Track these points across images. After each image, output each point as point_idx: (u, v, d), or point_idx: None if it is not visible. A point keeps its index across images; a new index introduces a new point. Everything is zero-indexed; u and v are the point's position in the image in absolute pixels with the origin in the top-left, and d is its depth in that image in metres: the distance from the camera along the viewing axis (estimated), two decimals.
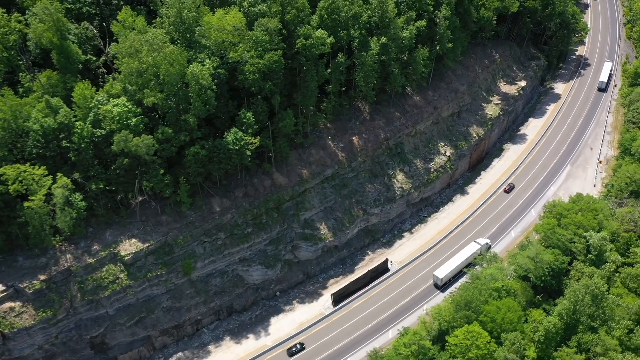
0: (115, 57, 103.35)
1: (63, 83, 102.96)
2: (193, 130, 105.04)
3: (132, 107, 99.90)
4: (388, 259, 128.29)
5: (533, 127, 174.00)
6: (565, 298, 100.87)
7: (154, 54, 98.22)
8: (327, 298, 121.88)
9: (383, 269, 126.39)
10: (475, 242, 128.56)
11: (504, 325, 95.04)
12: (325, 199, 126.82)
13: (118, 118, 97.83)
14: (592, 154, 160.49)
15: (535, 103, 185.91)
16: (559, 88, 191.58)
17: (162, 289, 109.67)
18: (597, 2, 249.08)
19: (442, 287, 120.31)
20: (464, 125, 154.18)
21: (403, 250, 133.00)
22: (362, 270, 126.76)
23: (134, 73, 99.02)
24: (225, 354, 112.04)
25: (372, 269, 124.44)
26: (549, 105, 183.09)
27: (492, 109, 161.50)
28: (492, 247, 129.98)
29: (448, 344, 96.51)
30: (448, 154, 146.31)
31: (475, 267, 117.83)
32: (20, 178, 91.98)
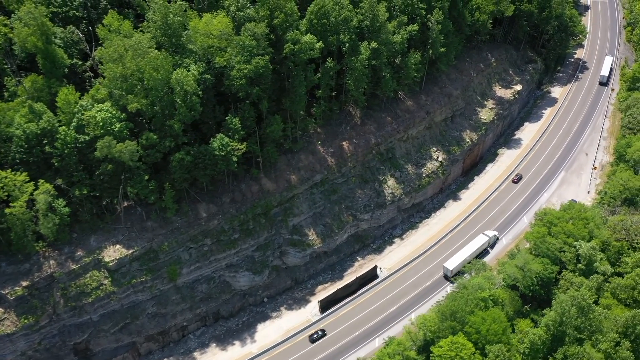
0: (100, 61, 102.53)
1: (48, 88, 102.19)
2: (178, 136, 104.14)
3: (116, 112, 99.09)
4: (377, 266, 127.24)
5: (529, 131, 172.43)
6: (552, 309, 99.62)
7: (138, 59, 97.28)
8: (314, 305, 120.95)
9: (372, 276, 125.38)
10: (484, 234, 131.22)
11: (489, 337, 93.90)
12: (314, 205, 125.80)
13: (102, 124, 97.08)
14: (587, 160, 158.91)
15: (532, 107, 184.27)
16: (556, 92, 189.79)
17: (147, 295, 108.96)
18: (597, 4, 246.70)
19: (452, 278, 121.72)
20: (457, 130, 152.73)
21: (393, 257, 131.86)
22: (351, 277, 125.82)
23: (118, 78, 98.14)
24: None
25: (360, 276, 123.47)
26: (546, 110, 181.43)
27: (486, 114, 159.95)
28: (499, 238, 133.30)
29: (432, 355, 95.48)
30: (440, 159, 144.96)
31: (464, 275, 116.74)
32: (2, 184, 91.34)
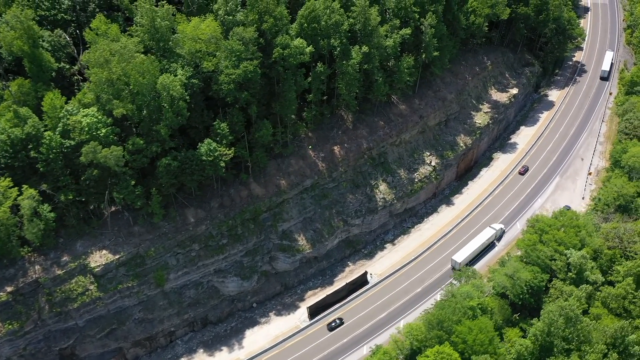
0: (87, 66, 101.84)
1: (34, 92, 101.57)
2: (165, 141, 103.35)
3: (102, 117, 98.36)
4: (367, 272, 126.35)
5: (524, 135, 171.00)
6: (540, 319, 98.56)
7: (124, 64, 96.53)
8: (304, 311, 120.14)
9: (362, 282, 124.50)
10: (490, 227, 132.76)
11: (475, 347, 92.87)
12: (305, 210, 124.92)
13: (87, 129, 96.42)
14: (582, 165, 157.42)
15: (528, 111, 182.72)
16: (554, 95, 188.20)
17: (133, 301, 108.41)
18: (597, 5, 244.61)
19: (459, 271, 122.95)
20: (451, 135, 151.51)
21: (384, 262, 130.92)
22: (341, 282, 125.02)
23: (104, 83, 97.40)
24: None
25: (350, 282, 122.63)
26: (542, 113, 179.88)
27: (481, 118, 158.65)
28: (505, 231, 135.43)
29: None
30: (433, 164, 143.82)
31: (454, 282, 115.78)
32: None
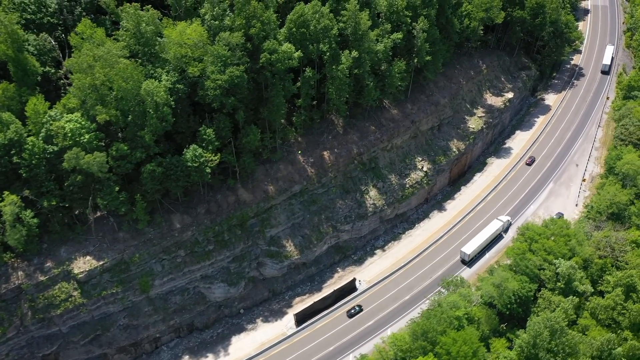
0: (70, 71, 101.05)
1: (19, 96, 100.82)
2: (150, 147, 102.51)
3: (85, 123, 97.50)
4: (355, 279, 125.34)
5: (519, 140, 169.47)
6: (526, 331, 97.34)
7: (107, 69, 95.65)
8: (291, 317, 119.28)
9: (350, 289, 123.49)
10: (498, 219, 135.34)
11: (459, 359, 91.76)
12: (293, 216, 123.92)
13: (70, 134, 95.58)
14: (577, 171, 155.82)
15: (524, 115, 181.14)
16: (550, 99, 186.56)
17: (118, 307, 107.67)
18: (597, 7, 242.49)
19: (468, 262, 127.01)
20: (444, 139, 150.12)
21: (373, 269, 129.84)
22: (329, 289, 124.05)
23: (88, 88, 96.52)
24: None
25: (338, 289, 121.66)
26: (538, 118, 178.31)
27: (475, 122, 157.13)
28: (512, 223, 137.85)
29: None
30: (425, 169, 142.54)
31: (442, 291, 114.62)
32: None
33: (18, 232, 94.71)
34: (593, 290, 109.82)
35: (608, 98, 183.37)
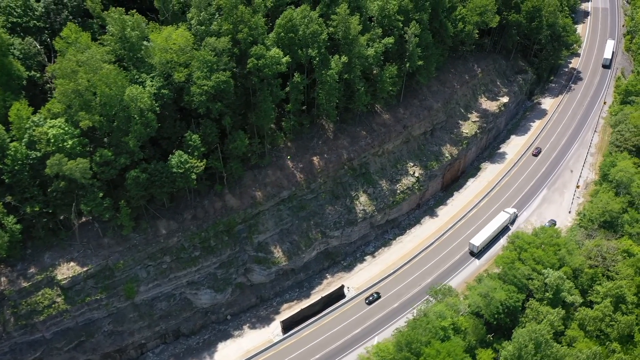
0: (54, 76, 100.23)
1: (2, 101, 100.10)
2: (134, 153, 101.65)
3: (69, 128, 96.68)
4: (344, 285, 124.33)
5: (514, 145, 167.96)
6: (511, 343, 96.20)
7: (90, 75, 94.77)
8: (278, 324, 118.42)
9: (338, 295, 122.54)
10: (504, 211, 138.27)
11: None
12: (281, 222, 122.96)
13: (53, 140, 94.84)
14: (571, 177, 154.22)
15: (520, 119, 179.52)
16: (547, 103, 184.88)
17: (102, 313, 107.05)
18: (598, 10, 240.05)
19: (477, 254, 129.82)
20: (437, 145, 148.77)
21: (362, 275, 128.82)
22: (318, 295, 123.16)
23: (71, 94, 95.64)
24: None
25: (325, 296, 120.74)
26: (534, 122, 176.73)
27: (468, 127, 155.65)
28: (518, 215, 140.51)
29: None
30: (417, 175, 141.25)
31: (430, 299, 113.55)
32: None
33: (0, 238, 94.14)
34: (583, 300, 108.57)
35: (605, 102, 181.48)
